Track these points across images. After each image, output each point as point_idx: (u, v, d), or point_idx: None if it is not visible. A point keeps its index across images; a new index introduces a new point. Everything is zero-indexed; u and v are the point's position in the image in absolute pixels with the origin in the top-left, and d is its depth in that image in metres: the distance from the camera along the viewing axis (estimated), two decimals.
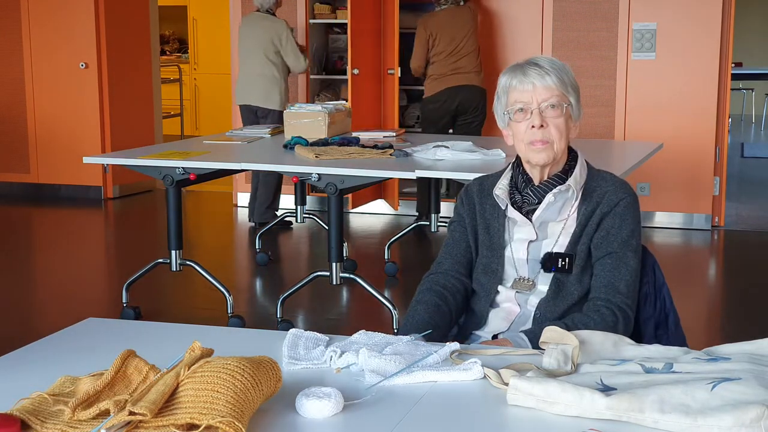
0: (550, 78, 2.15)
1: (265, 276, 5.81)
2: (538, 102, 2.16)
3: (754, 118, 14.65)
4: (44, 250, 6.65)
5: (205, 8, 12.63)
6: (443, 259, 2.35)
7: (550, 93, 2.15)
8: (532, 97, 2.16)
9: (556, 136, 2.17)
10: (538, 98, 2.16)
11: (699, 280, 5.85)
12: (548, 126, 2.16)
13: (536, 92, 2.15)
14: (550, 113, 2.16)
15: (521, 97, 2.17)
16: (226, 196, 8.14)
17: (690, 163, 6.73)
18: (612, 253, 2.18)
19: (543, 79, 2.15)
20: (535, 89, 2.15)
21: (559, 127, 2.17)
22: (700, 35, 6.62)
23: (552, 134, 2.16)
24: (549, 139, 2.17)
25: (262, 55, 6.63)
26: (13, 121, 8.31)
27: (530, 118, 2.17)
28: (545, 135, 2.16)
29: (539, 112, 2.16)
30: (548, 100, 2.16)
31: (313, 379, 1.72)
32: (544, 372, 1.69)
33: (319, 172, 4.23)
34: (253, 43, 6.66)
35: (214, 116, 12.33)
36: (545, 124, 2.16)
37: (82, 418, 1.46)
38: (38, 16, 8.11)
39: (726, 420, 1.44)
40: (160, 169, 4.51)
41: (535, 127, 2.16)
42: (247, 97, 6.74)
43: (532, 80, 2.15)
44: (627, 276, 2.17)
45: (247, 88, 6.73)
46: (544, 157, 2.18)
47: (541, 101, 2.16)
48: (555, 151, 2.18)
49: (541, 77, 2.15)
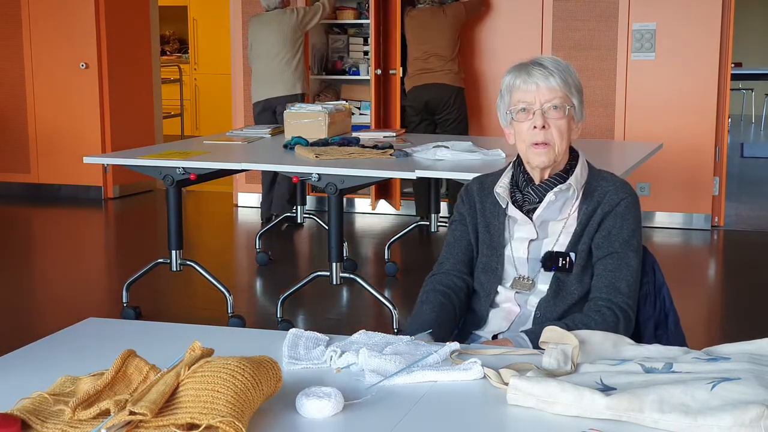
0: (554, 79, 2.14)
1: (265, 276, 5.81)
2: (541, 102, 2.15)
3: (753, 118, 14.65)
4: (44, 250, 6.65)
5: (205, 8, 12.64)
6: (445, 259, 2.35)
7: (554, 94, 2.15)
8: (536, 97, 2.16)
9: (557, 138, 2.17)
10: (542, 99, 2.15)
11: (699, 280, 5.85)
12: (550, 127, 2.16)
13: (540, 93, 2.15)
14: (552, 114, 2.16)
15: (524, 97, 2.17)
16: (226, 196, 8.14)
17: (690, 163, 6.73)
18: (613, 253, 2.18)
19: (547, 80, 2.14)
20: (539, 90, 2.15)
21: (561, 129, 2.17)
22: (700, 35, 6.62)
23: (553, 136, 2.16)
24: (550, 140, 2.16)
25: (281, 48, 6.69)
26: (13, 121, 8.31)
27: (532, 119, 2.16)
28: (546, 136, 2.16)
29: (542, 113, 2.16)
30: (551, 101, 2.15)
31: (313, 379, 1.72)
32: (544, 372, 1.69)
33: (319, 172, 4.23)
34: (271, 38, 6.67)
35: (214, 116, 12.33)
36: (547, 126, 2.16)
37: (82, 418, 1.46)
38: (38, 16, 8.11)
39: (726, 420, 1.44)
40: (160, 169, 4.51)
41: (537, 128, 2.16)
42: (270, 91, 6.73)
43: (536, 80, 2.15)
44: (628, 276, 2.17)
45: (271, 81, 6.72)
46: (544, 160, 2.18)
47: (544, 102, 2.15)
48: (556, 153, 2.18)
49: (545, 78, 2.14)
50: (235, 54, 7.68)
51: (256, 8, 7.37)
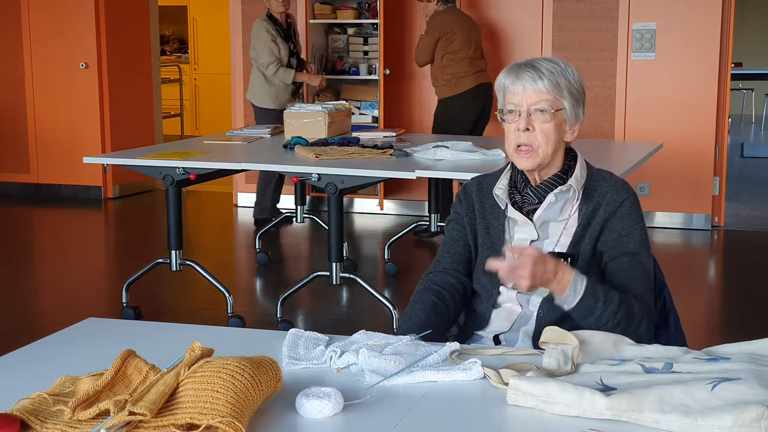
0: (542, 82, 2.13)
1: (265, 276, 5.81)
2: (527, 105, 2.14)
3: (754, 118, 14.65)
4: (44, 250, 6.65)
5: (205, 8, 12.64)
6: (441, 258, 2.34)
7: (540, 97, 2.13)
8: (522, 99, 2.14)
9: (542, 141, 2.15)
10: (528, 101, 2.14)
11: (699, 280, 5.85)
12: (534, 130, 2.15)
13: (526, 95, 2.14)
14: (538, 117, 2.14)
15: (512, 98, 2.17)
16: (226, 196, 8.14)
17: (690, 163, 6.73)
18: (628, 254, 2.17)
19: (534, 83, 2.13)
20: (525, 92, 2.14)
21: (546, 133, 2.15)
22: (700, 35, 6.62)
23: (537, 139, 2.15)
24: (534, 143, 2.15)
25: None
26: (13, 121, 8.31)
27: (518, 121, 2.16)
28: (530, 139, 2.15)
29: (527, 116, 2.15)
30: (537, 104, 2.14)
31: (313, 379, 1.72)
32: (544, 372, 1.69)
33: (319, 172, 4.23)
34: None
35: (214, 116, 12.33)
36: (531, 128, 2.15)
37: (82, 418, 1.46)
38: (38, 16, 8.11)
39: (726, 420, 1.44)
40: (160, 169, 4.51)
41: (520, 130, 2.15)
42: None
43: (523, 83, 2.14)
44: (644, 277, 2.16)
45: None
46: (528, 163, 2.17)
47: (530, 105, 2.14)
48: (541, 157, 2.17)
49: (533, 81, 2.13)
50: (235, 54, 7.68)
51: (256, 8, 7.37)
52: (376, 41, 7.48)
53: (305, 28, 7.35)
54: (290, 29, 6.67)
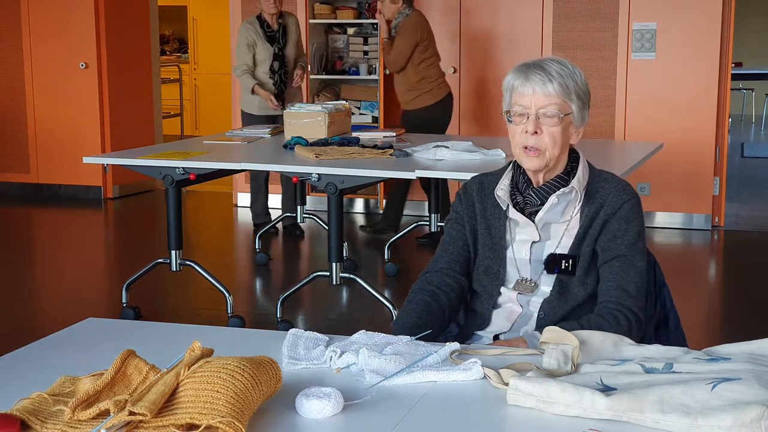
0: (551, 85, 2.12)
1: (265, 276, 5.81)
2: (536, 108, 2.13)
3: (754, 118, 14.65)
4: (44, 250, 6.65)
5: (205, 8, 12.64)
6: (439, 257, 2.34)
7: (549, 101, 2.13)
8: (531, 101, 2.13)
9: (549, 144, 2.15)
10: (537, 104, 2.13)
11: (699, 280, 5.85)
12: (542, 133, 2.14)
13: (535, 98, 2.13)
14: (546, 121, 2.14)
15: (520, 100, 2.15)
16: (226, 196, 8.14)
17: (690, 163, 6.73)
18: (620, 256, 2.16)
19: (544, 86, 2.12)
20: (535, 95, 2.13)
21: (554, 136, 2.14)
22: (700, 35, 6.62)
23: (545, 142, 2.14)
24: (541, 146, 2.15)
25: None
26: (13, 121, 8.31)
27: (526, 123, 2.15)
28: (538, 142, 2.14)
29: (535, 119, 2.14)
30: (546, 107, 2.13)
31: (313, 379, 1.72)
32: (544, 372, 1.69)
33: (319, 172, 4.23)
34: None
35: (214, 116, 12.33)
36: (539, 131, 2.14)
37: (82, 418, 1.46)
38: (38, 17, 8.11)
39: (726, 420, 1.44)
40: (160, 169, 4.51)
41: (528, 133, 2.15)
42: None
43: (533, 85, 2.13)
44: (636, 279, 2.16)
45: None
46: (535, 164, 2.17)
47: (539, 108, 2.13)
48: (547, 158, 2.16)
49: (543, 84, 2.12)
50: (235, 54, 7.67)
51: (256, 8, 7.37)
52: (376, 41, 7.48)
53: (305, 28, 7.35)
54: (281, 31, 6.42)
